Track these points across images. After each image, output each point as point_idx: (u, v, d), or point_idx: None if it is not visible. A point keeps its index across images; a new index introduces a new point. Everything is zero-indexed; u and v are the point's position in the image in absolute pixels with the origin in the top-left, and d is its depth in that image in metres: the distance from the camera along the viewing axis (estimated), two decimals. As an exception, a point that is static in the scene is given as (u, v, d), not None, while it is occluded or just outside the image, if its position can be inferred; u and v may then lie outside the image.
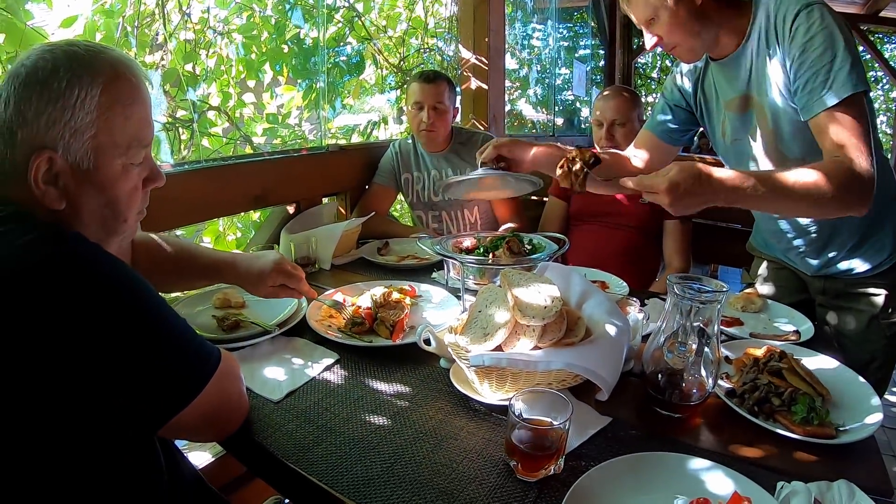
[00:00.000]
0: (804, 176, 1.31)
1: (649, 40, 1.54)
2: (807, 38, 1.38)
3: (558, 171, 1.62)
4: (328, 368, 1.46)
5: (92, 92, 0.94)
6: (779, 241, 1.95)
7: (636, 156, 1.95)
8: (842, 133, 1.34)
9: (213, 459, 2.21)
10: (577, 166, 1.58)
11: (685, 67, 1.81)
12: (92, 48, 0.99)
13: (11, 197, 0.95)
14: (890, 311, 1.82)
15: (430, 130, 2.66)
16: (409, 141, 2.86)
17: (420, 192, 2.85)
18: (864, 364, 1.84)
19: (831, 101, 1.35)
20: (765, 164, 1.69)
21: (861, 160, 1.32)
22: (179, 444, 2.21)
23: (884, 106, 10.20)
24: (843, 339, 1.87)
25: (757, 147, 1.68)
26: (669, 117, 1.90)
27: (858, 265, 1.79)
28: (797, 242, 1.87)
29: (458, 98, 2.95)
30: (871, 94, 1.49)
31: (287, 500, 2.14)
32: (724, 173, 1.34)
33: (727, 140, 1.78)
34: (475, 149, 2.71)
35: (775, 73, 1.50)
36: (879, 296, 1.82)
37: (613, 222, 2.50)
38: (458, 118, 3.71)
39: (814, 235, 1.80)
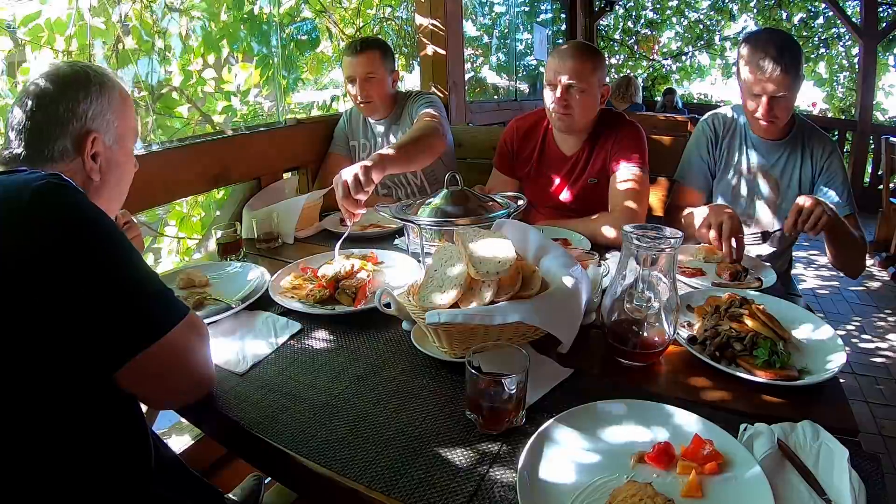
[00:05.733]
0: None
1: (764, 107, 1.97)
2: (839, 168, 2.09)
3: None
4: (292, 338, 1.46)
5: (112, 93, 1.24)
6: None
7: (695, 209, 2.16)
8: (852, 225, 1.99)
9: (193, 443, 2.20)
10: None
11: (717, 133, 2.28)
12: (96, 65, 1.32)
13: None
14: None
15: (367, 102, 2.62)
16: None
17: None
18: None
19: (847, 211, 2.02)
20: (760, 213, 2.24)
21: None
22: (157, 428, 2.22)
23: (845, 63, 10.28)
24: None
25: (760, 205, 2.24)
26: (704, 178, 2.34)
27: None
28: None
29: (397, 60, 2.91)
30: (833, 51, 2.54)
31: (268, 479, 2.14)
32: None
33: (735, 191, 2.26)
34: (412, 105, 2.63)
35: (801, 175, 2.13)
36: None
37: (564, 207, 2.40)
38: (419, 83, 3.66)
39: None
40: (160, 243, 3.36)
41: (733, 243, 1.78)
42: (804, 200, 1.76)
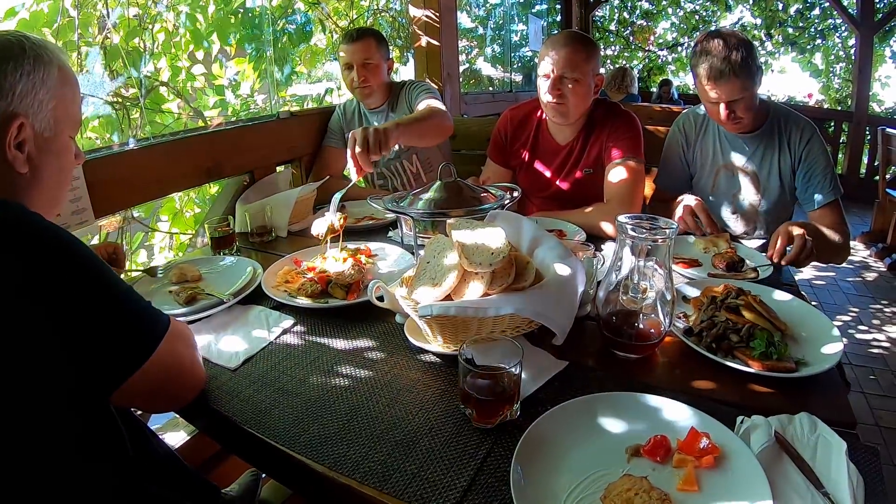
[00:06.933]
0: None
1: (724, 112, 1.96)
2: (819, 153, 2.04)
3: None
4: (284, 333, 1.45)
5: (51, 70, 1.05)
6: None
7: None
8: (836, 217, 2.02)
9: (189, 438, 2.19)
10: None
11: (689, 137, 2.29)
12: (37, 37, 1.08)
13: None
14: None
15: (364, 87, 2.64)
16: (354, 101, 2.84)
17: None
18: None
19: (831, 197, 2.02)
20: (741, 209, 2.23)
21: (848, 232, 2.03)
22: (153, 424, 2.20)
23: (842, 54, 10.25)
24: None
25: (740, 201, 2.21)
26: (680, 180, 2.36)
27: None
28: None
29: (392, 51, 2.93)
30: (829, 42, 2.46)
31: (264, 475, 2.13)
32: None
33: (715, 188, 2.25)
34: (409, 93, 2.65)
35: (780, 165, 2.10)
36: None
37: (558, 198, 2.38)
38: (413, 75, 3.64)
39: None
40: (151, 240, 3.33)
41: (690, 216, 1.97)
42: (792, 231, 1.72)
